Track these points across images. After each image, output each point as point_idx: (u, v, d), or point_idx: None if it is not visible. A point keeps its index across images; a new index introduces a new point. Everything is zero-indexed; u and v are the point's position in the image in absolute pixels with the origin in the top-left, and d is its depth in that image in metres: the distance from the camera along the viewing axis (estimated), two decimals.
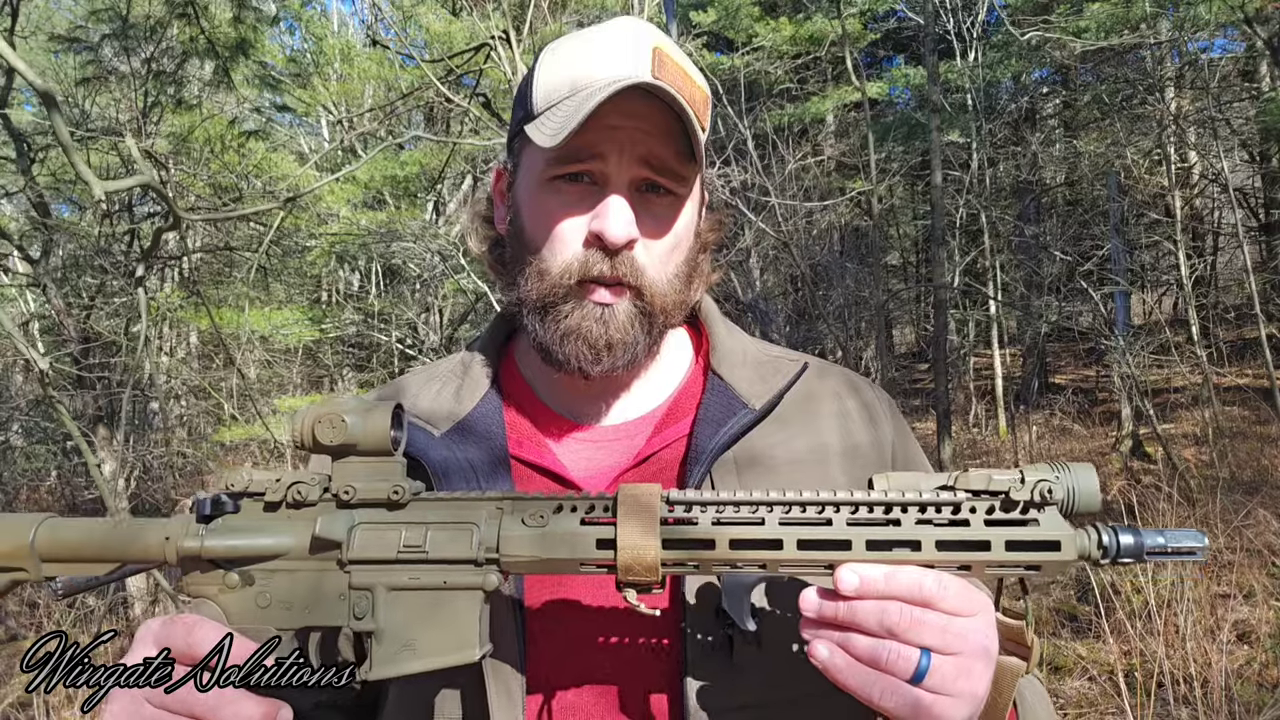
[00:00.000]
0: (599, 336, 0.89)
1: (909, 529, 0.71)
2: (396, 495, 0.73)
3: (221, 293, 11.15)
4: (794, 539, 0.70)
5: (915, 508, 0.72)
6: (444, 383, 1.00)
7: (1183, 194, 10.77)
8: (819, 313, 10.20)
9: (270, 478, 0.74)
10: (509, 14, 5.38)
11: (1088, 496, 0.73)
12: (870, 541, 0.70)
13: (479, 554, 0.71)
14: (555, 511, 0.73)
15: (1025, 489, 0.71)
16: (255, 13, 7.68)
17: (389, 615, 0.72)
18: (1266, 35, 8.81)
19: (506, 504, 0.73)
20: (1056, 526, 0.71)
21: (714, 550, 0.70)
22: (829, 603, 0.69)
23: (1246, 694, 4.01)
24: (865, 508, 0.72)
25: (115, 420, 7.43)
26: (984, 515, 0.71)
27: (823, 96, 13.98)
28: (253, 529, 0.73)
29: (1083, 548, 0.72)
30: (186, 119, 8.43)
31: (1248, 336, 11.89)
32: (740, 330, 1.05)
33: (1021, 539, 0.71)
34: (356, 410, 0.73)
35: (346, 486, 0.73)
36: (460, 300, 10.56)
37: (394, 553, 0.72)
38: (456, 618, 0.71)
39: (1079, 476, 0.73)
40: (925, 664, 0.67)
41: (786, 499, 0.72)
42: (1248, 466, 7.63)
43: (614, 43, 0.89)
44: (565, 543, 0.71)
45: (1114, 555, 0.72)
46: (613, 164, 0.87)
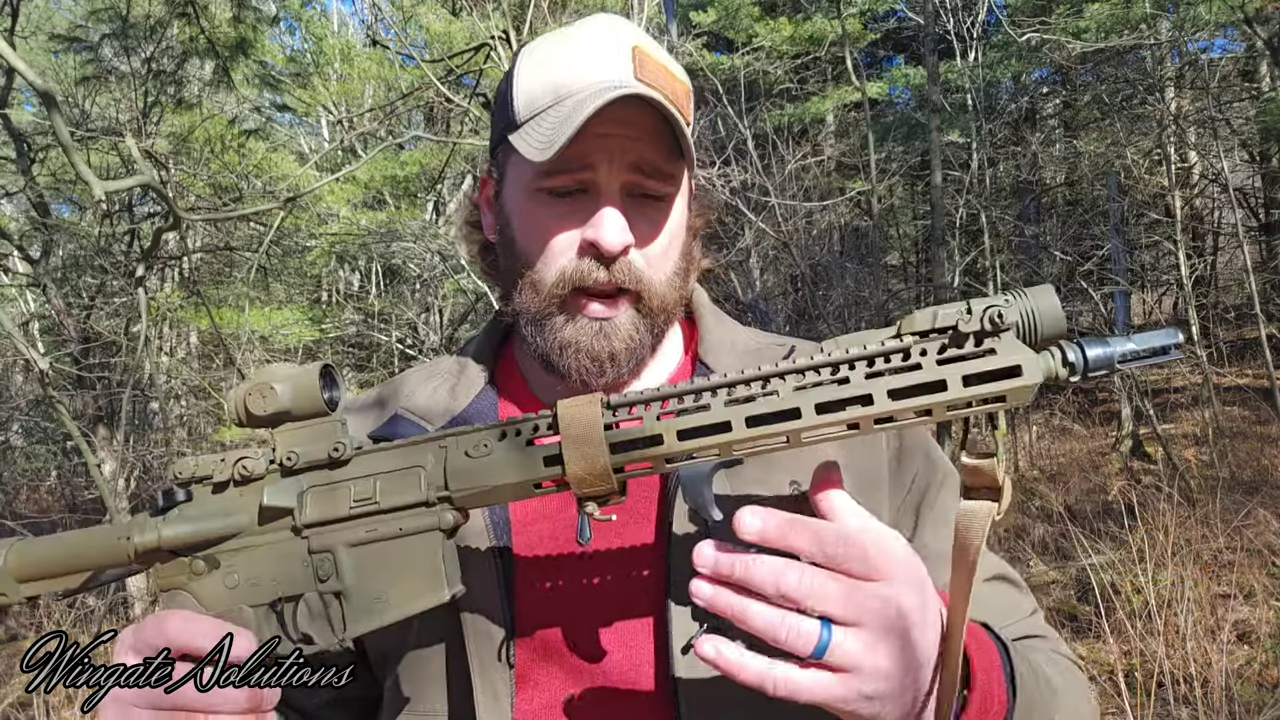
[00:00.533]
0: (601, 349, 0.89)
1: (858, 385, 0.66)
2: (337, 452, 0.72)
3: (221, 293, 11.15)
4: (741, 417, 0.66)
5: (862, 362, 0.67)
6: (441, 380, 1.01)
7: (1183, 194, 10.76)
8: (819, 313, 10.20)
9: (215, 459, 0.74)
10: (509, 14, 5.38)
11: (1049, 317, 0.68)
12: (819, 405, 0.66)
13: (429, 494, 0.70)
14: (499, 439, 0.71)
15: (973, 318, 0.66)
16: (255, 12, 7.69)
17: (353, 573, 0.71)
18: (1266, 35, 8.81)
19: (450, 440, 0.72)
20: (1015, 350, 0.66)
21: (663, 445, 0.67)
22: (725, 556, 0.65)
23: (1246, 694, 4.01)
24: (811, 371, 0.68)
25: (115, 420, 7.44)
26: (936, 356, 0.67)
27: (823, 96, 13.98)
28: (207, 513, 0.73)
29: (1048, 368, 0.67)
30: (186, 119, 8.43)
31: (1248, 336, 11.89)
32: (731, 320, 1.05)
33: (979, 370, 0.65)
34: (285, 377, 0.72)
35: (289, 453, 0.73)
36: (460, 300, 10.57)
37: (346, 509, 0.71)
38: (420, 562, 0.71)
39: (1036, 297, 0.68)
40: (826, 638, 0.63)
41: (727, 380, 0.69)
42: (1248, 466, 7.63)
43: (593, 44, 0.88)
44: (513, 466, 0.70)
45: (1083, 370, 0.68)
46: (603, 173, 0.86)
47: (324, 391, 0.72)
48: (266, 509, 0.72)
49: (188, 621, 0.69)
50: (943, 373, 0.66)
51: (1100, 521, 5.84)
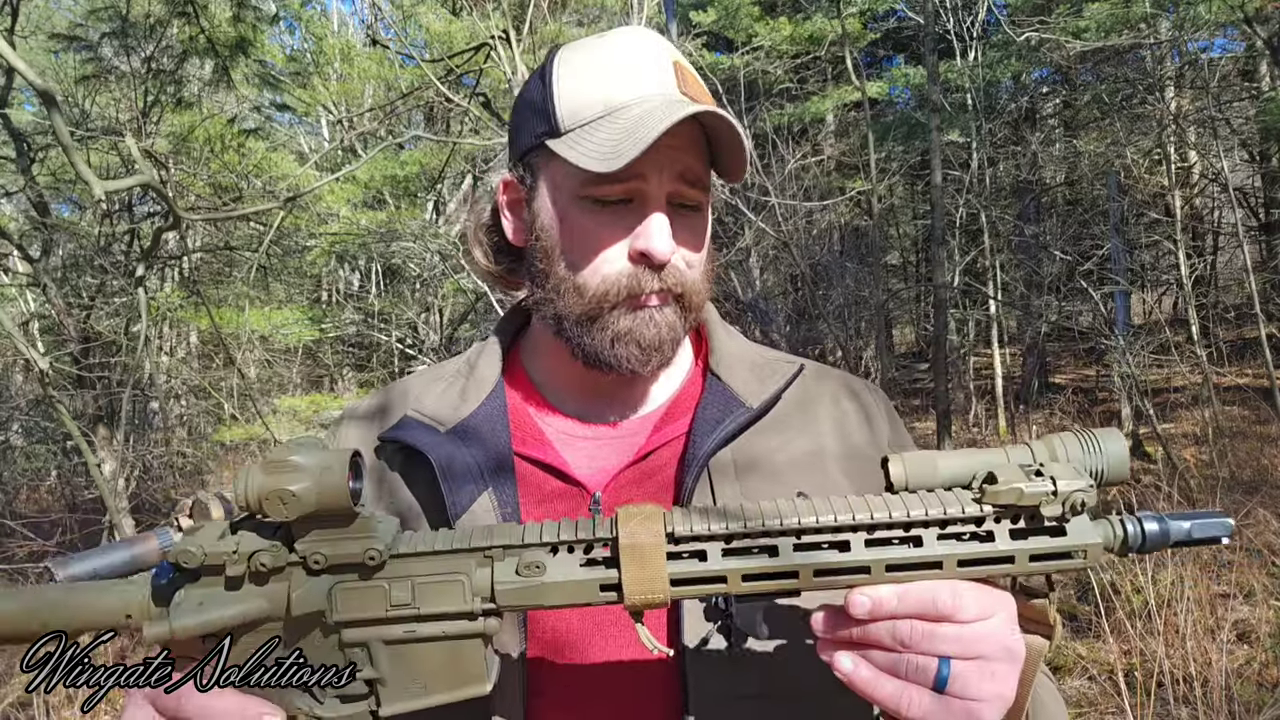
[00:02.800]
0: (651, 338, 0.91)
1: (930, 549, 0.68)
2: (372, 560, 0.67)
3: (221, 292, 11.15)
4: (810, 569, 0.67)
5: (937, 525, 0.68)
6: (449, 382, 1.01)
7: (1183, 193, 10.77)
8: (819, 312, 10.20)
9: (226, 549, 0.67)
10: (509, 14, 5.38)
11: (1117, 470, 0.70)
12: (890, 565, 0.68)
13: (474, 605, 0.68)
14: (552, 554, 0.69)
15: (1057, 502, 0.67)
16: (255, 12, 7.68)
17: (391, 664, 0.69)
18: (1266, 35, 8.81)
19: (496, 551, 0.69)
20: (1083, 534, 0.68)
21: (725, 585, 0.68)
22: (841, 625, 0.69)
23: (1246, 694, 4.01)
24: (884, 529, 0.69)
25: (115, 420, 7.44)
26: (1009, 527, 0.68)
27: (822, 96, 13.98)
28: (219, 601, 0.68)
29: (1106, 540, 0.70)
30: (186, 118, 8.42)
31: (1248, 336, 11.89)
32: (739, 334, 1.06)
33: (1046, 550, 0.68)
34: (305, 475, 0.65)
35: (315, 555, 0.67)
36: (460, 300, 10.56)
37: (383, 612, 0.68)
38: (460, 660, 0.69)
39: (1109, 450, 0.70)
40: (946, 672, 0.67)
41: (800, 525, 0.68)
42: (1248, 466, 7.63)
43: (635, 58, 0.90)
44: (566, 592, 0.68)
45: (1137, 548, 0.70)
46: (653, 183, 0.88)
47: (352, 484, 0.66)
48: (296, 617, 0.68)
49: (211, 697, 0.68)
50: (1014, 548, 0.68)
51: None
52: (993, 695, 0.68)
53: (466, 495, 0.90)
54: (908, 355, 18.81)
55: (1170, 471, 6.94)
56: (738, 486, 0.90)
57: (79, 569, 0.76)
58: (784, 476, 0.92)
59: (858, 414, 1.00)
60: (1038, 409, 11.90)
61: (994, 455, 0.71)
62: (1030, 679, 0.72)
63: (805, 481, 0.92)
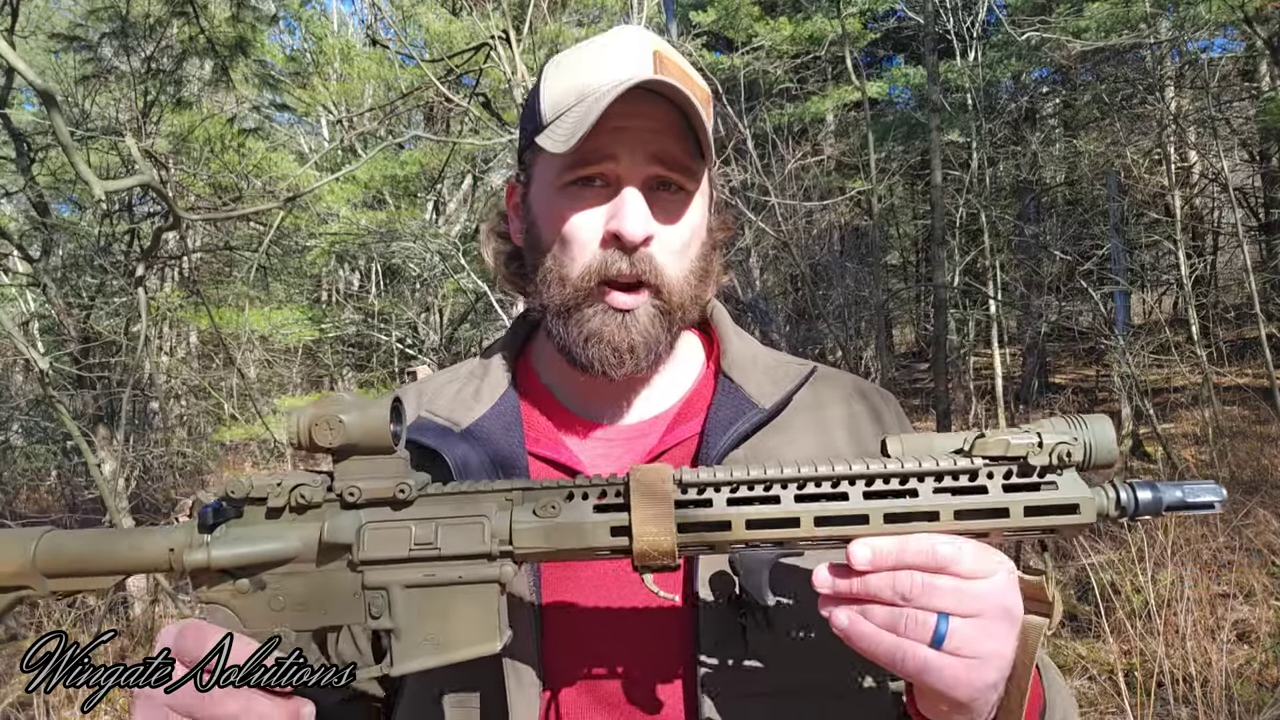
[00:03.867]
0: (622, 340, 0.91)
1: (926, 499, 0.70)
2: (403, 493, 0.71)
3: (221, 292, 11.15)
4: (810, 516, 0.70)
5: (932, 477, 0.71)
6: (464, 383, 1.03)
7: (1183, 193, 10.77)
8: (819, 312, 10.20)
9: (271, 482, 0.72)
10: (509, 14, 5.38)
11: (1105, 450, 0.72)
12: (888, 515, 0.70)
13: (492, 547, 0.71)
14: (567, 499, 0.72)
15: (1044, 453, 0.70)
16: (254, 11, 7.68)
17: (406, 612, 0.71)
18: (1266, 35, 8.81)
19: (516, 494, 0.72)
20: (1075, 488, 0.71)
21: (730, 531, 0.70)
22: (842, 578, 0.70)
23: (1246, 694, 4.01)
24: (881, 479, 0.71)
25: (115, 420, 7.43)
26: (1001, 481, 0.71)
27: (822, 96, 13.99)
28: (258, 535, 0.72)
29: (1101, 506, 0.72)
30: (186, 118, 8.42)
31: (1248, 336, 11.89)
32: (751, 337, 1.07)
33: (1040, 504, 0.70)
34: (354, 408, 0.70)
35: (351, 487, 0.71)
36: (460, 300, 10.56)
37: (406, 551, 0.71)
38: (475, 610, 0.71)
39: (1096, 430, 0.72)
40: (944, 628, 0.68)
41: (801, 475, 0.71)
42: (1248, 466, 7.63)
43: (615, 48, 0.92)
44: (579, 532, 0.70)
45: (1132, 512, 0.72)
46: (625, 164, 0.89)
47: (392, 425, 0.71)
48: (327, 544, 0.71)
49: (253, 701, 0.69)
50: (1007, 500, 0.70)
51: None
52: (990, 653, 0.69)
53: None
54: (908, 355, 18.81)
55: (1170, 471, 6.94)
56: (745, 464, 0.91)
57: None
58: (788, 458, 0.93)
59: (868, 415, 1.01)
60: (1038, 409, 11.90)
61: None
62: (1031, 654, 0.72)
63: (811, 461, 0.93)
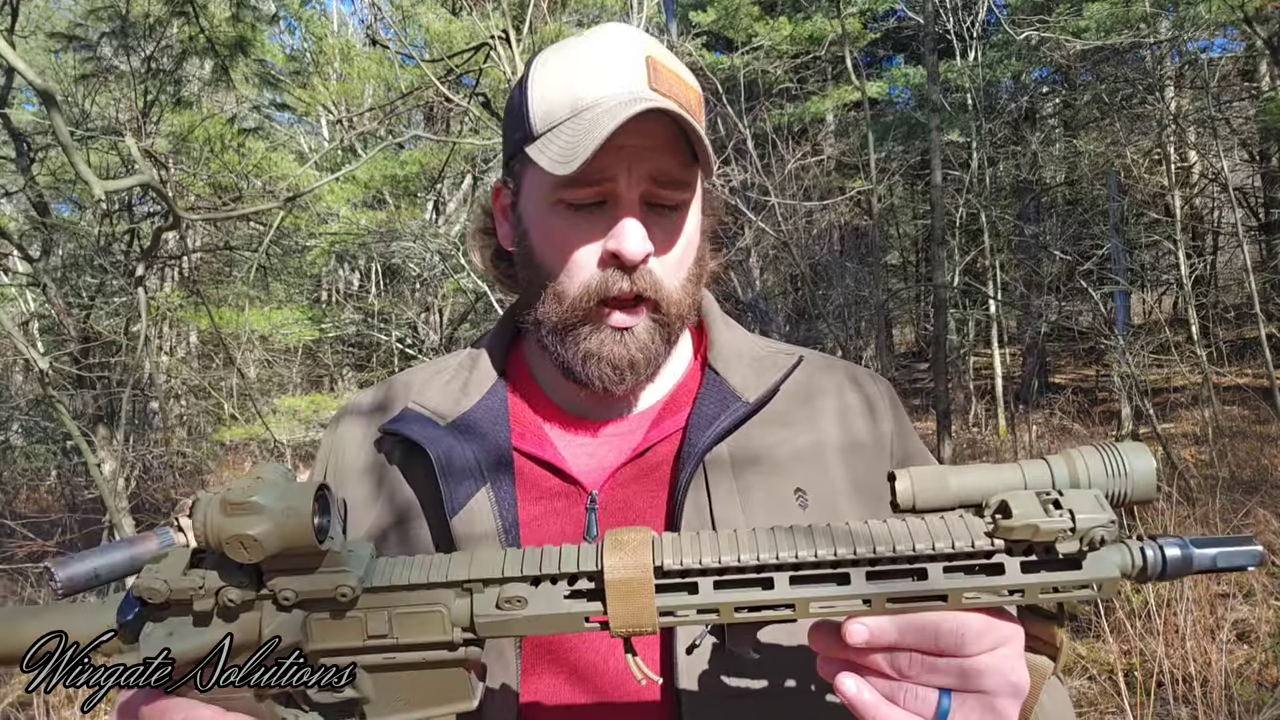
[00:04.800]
0: (621, 358, 0.90)
1: (935, 582, 0.64)
2: (344, 597, 0.65)
3: (221, 292, 11.15)
4: (807, 603, 0.64)
5: (944, 559, 0.64)
6: (452, 376, 1.01)
7: (1182, 193, 10.77)
8: (819, 312, 10.20)
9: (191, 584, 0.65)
10: (509, 14, 5.38)
11: (1142, 489, 0.65)
12: (892, 598, 0.64)
13: (454, 636, 0.66)
14: (534, 585, 0.66)
15: (1074, 539, 0.63)
16: (254, 11, 7.68)
17: (374, 688, 0.68)
18: (1266, 35, 8.81)
19: (475, 585, 0.66)
20: (1100, 568, 0.64)
21: (718, 616, 0.65)
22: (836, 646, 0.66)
23: (1246, 693, 4.01)
24: (888, 563, 0.65)
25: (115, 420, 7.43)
26: (1020, 560, 0.64)
27: (822, 96, 13.99)
28: (188, 633, 0.66)
29: (1124, 568, 0.65)
30: (186, 118, 8.42)
31: (1247, 336, 11.89)
32: (739, 326, 1.05)
33: (1059, 583, 0.64)
34: (268, 517, 0.61)
35: (285, 591, 0.65)
36: (460, 300, 10.56)
37: (360, 641, 0.66)
38: (443, 682, 0.68)
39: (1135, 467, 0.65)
40: (946, 705, 0.65)
41: (797, 560, 0.64)
42: (1247, 466, 7.63)
43: (607, 55, 0.89)
44: (549, 621, 0.65)
45: (1158, 575, 0.65)
46: (622, 184, 0.87)
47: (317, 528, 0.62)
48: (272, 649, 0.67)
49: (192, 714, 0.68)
50: (1024, 582, 0.64)
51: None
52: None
53: (464, 492, 0.89)
54: (908, 355, 18.81)
55: (1170, 471, 6.94)
56: (734, 482, 0.89)
57: (78, 569, 0.76)
58: (782, 470, 0.91)
59: (861, 404, 0.99)
60: (1038, 409, 11.90)
61: (1009, 474, 0.66)
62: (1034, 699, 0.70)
63: (804, 474, 0.91)
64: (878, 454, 0.97)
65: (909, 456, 1.00)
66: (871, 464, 0.96)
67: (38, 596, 6.29)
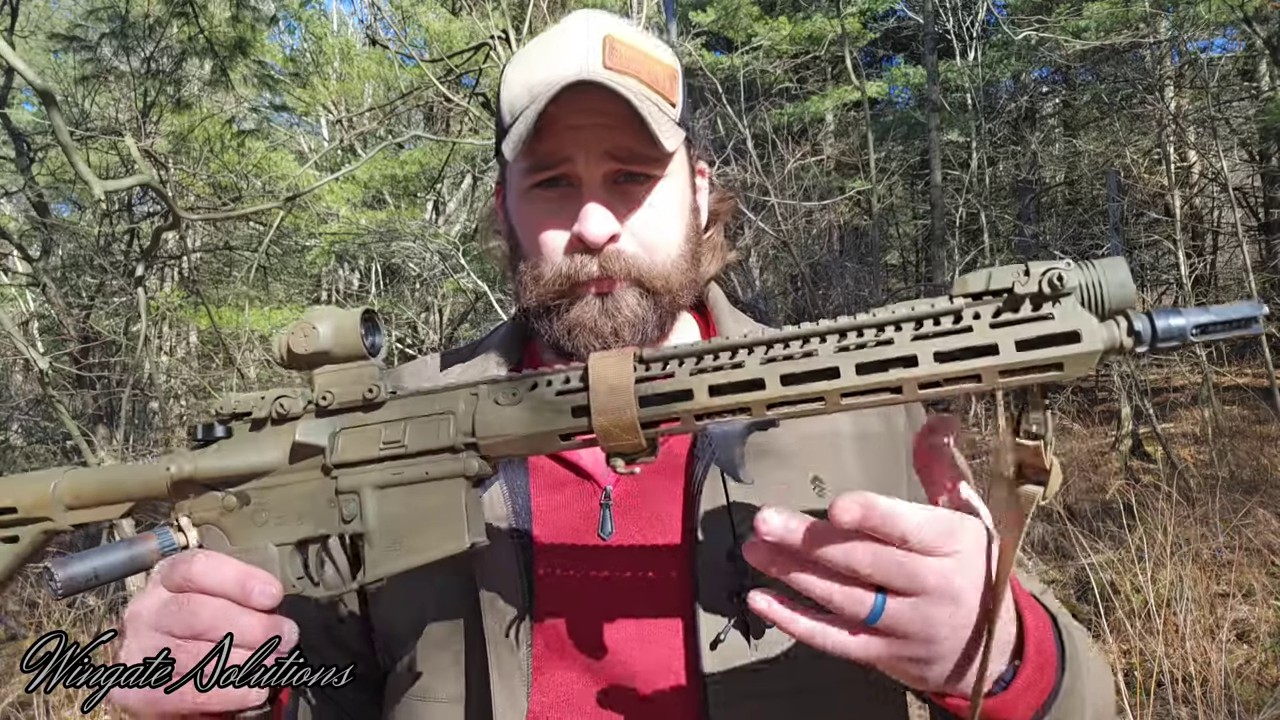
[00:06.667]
0: (605, 325, 0.90)
1: (903, 346, 0.62)
2: (371, 394, 0.73)
3: (221, 292, 11.15)
4: (776, 375, 0.64)
5: (910, 324, 0.63)
6: (466, 365, 1.02)
7: (1182, 193, 10.76)
8: (819, 312, 10.18)
9: (255, 397, 0.76)
10: (509, 13, 5.38)
11: (1117, 290, 0.61)
12: (860, 364, 0.62)
13: (456, 440, 0.70)
14: (530, 389, 0.71)
15: (1031, 280, 0.61)
16: (254, 12, 7.68)
17: (377, 515, 0.71)
18: (1266, 35, 8.80)
19: (482, 388, 0.72)
20: (1075, 316, 0.61)
21: (693, 400, 0.65)
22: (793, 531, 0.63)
23: (1246, 693, 4.01)
24: (853, 332, 0.64)
25: (115, 420, 7.43)
26: (989, 319, 0.62)
27: (822, 96, 13.98)
28: (242, 449, 0.75)
29: (1110, 337, 0.61)
30: (185, 118, 8.42)
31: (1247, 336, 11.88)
32: (748, 319, 1.05)
33: (1034, 334, 0.61)
34: (327, 317, 0.73)
35: (325, 393, 0.73)
36: (460, 300, 10.56)
37: (375, 451, 0.72)
38: (442, 508, 0.70)
39: (1104, 268, 0.62)
40: (880, 607, 0.62)
41: (765, 338, 0.66)
42: (1247, 466, 7.63)
43: (564, 41, 0.90)
44: (540, 415, 0.69)
45: (1150, 340, 0.61)
46: (581, 164, 0.88)
47: (365, 336, 0.73)
48: (299, 445, 0.73)
49: (212, 563, 0.71)
50: (995, 336, 0.61)
51: (1100, 521, 5.84)
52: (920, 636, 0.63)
53: None
54: None
55: (1170, 471, 6.94)
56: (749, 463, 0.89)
57: (78, 569, 0.76)
58: (797, 459, 0.91)
59: None
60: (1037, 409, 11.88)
61: None
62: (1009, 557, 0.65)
63: (820, 463, 0.91)
64: (890, 445, 0.96)
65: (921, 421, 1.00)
66: (885, 456, 0.95)
67: (37, 597, 6.30)
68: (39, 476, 0.81)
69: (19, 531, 0.81)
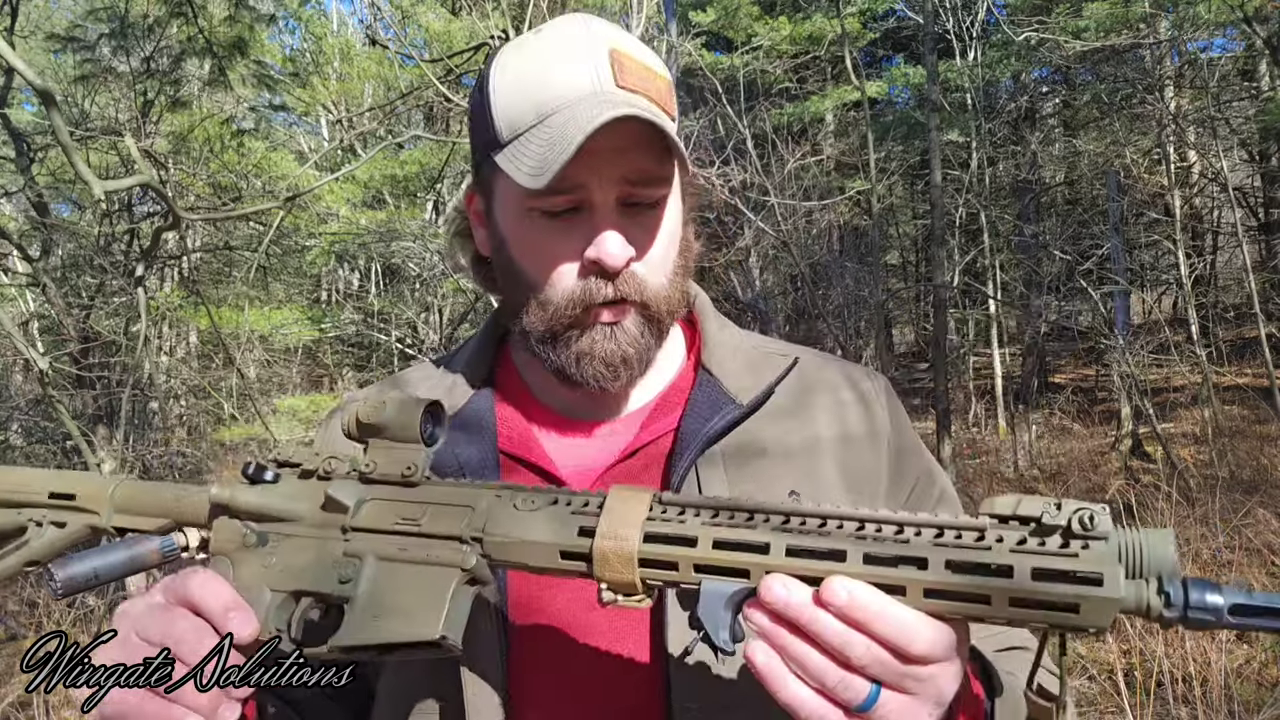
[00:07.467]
0: (613, 354, 0.89)
1: (918, 547, 0.61)
2: (409, 472, 0.76)
3: (221, 292, 11.15)
4: (783, 544, 0.63)
5: (931, 529, 0.62)
6: (442, 375, 1.01)
7: (1182, 193, 10.77)
8: (819, 312, 10.21)
9: (310, 452, 0.80)
10: (508, 13, 5.38)
11: (1158, 558, 0.58)
12: (869, 555, 0.62)
13: (465, 531, 0.72)
14: (550, 503, 0.72)
15: (1061, 514, 0.59)
16: (252, 12, 7.68)
17: (369, 583, 0.72)
18: (1266, 35, 8.81)
19: (508, 492, 0.74)
20: (1101, 561, 0.57)
21: (696, 549, 0.65)
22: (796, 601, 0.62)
23: (1246, 693, 4.01)
24: (874, 524, 0.63)
25: (115, 420, 7.43)
26: (1011, 544, 0.60)
27: (822, 96, 14.00)
28: (280, 494, 0.78)
29: (1139, 595, 0.57)
30: (185, 118, 8.43)
31: (1247, 336, 11.89)
32: (733, 325, 1.04)
33: (1053, 568, 0.58)
34: (397, 399, 0.78)
35: (369, 461, 0.77)
36: (460, 300, 10.57)
37: (391, 524, 0.74)
38: (428, 593, 0.71)
39: (1151, 535, 0.59)
40: (873, 698, 0.62)
41: (784, 509, 0.65)
42: (1247, 466, 7.64)
43: (567, 52, 0.86)
44: (549, 525, 0.70)
45: (1182, 608, 0.56)
46: (595, 189, 0.85)
47: (425, 425, 0.77)
48: (330, 499, 0.76)
49: (208, 583, 0.72)
50: (1013, 559, 0.59)
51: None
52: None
53: None
54: (908, 355, 18.81)
55: (1170, 471, 6.94)
56: (726, 481, 0.88)
57: (79, 569, 0.76)
58: (775, 469, 0.91)
59: (856, 400, 0.98)
60: (1037, 409, 11.90)
61: None
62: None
63: (797, 476, 0.90)
64: (872, 445, 0.96)
65: (905, 450, 0.99)
66: (864, 454, 0.95)
67: (37, 597, 6.30)
68: (101, 478, 0.88)
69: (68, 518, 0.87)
